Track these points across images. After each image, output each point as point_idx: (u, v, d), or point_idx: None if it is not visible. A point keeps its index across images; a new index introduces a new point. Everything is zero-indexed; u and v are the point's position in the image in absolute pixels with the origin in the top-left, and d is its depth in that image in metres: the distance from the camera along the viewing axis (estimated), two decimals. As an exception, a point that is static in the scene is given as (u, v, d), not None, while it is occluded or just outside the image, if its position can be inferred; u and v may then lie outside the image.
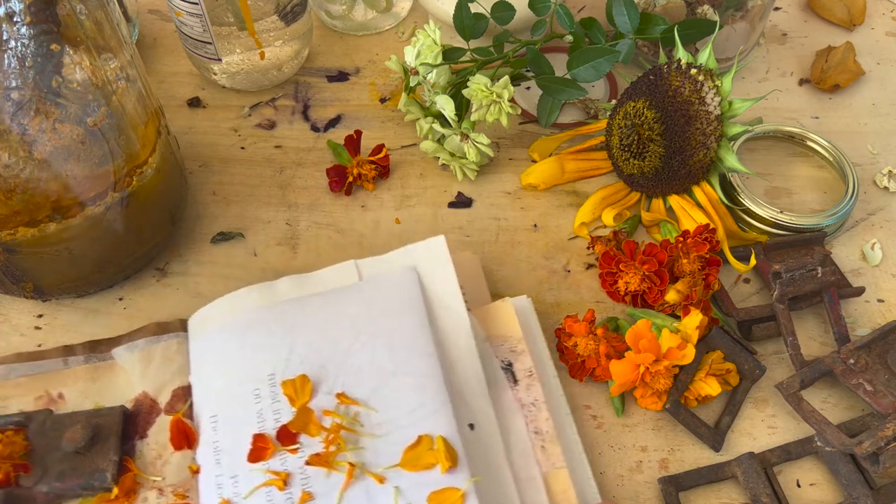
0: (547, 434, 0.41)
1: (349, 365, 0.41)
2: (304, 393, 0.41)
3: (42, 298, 0.47)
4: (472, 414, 0.40)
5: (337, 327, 0.43)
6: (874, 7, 0.67)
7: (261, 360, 0.42)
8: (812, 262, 0.48)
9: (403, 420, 0.39)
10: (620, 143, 0.51)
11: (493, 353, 0.44)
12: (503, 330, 0.44)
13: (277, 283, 0.45)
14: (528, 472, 0.40)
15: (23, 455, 0.40)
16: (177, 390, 0.43)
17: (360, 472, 0.38)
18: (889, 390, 0.43)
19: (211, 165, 0.56)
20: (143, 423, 0.43)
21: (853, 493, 0.41)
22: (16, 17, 0.36)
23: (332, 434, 0.39)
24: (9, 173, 0.39)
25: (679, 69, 0.49)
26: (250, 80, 0.59)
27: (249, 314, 0.44)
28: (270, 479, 0.39)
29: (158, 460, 0.41)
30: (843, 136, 0.58)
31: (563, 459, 0.41)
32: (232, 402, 0.41)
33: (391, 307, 0.43)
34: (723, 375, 0.44)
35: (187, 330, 0.45)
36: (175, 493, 0.40)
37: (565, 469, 0.40)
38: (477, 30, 0.54)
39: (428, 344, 0.41)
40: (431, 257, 0.45)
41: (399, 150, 0.57)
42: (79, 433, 0.40)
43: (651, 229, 0.52)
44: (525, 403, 0.42)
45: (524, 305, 0.46)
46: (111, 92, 0.41)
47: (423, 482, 0.37)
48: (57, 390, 0.44)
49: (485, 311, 0.45)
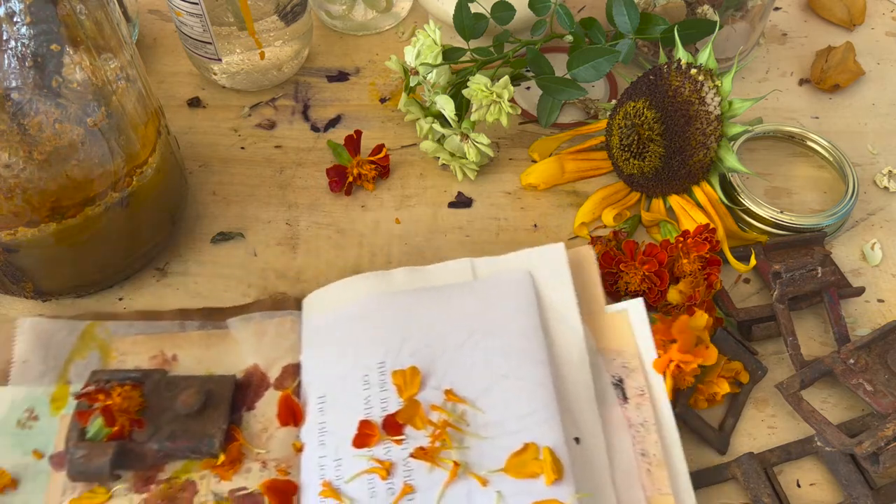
0: (654, 457, 0.40)
1: (460, 362, 0.41)
2: (412, 385, 0.41)
3: (42, 298, 0.47)
4: (578, 428, 0.40)
5: (450, 323, 0.42)
6: (874, 7, 0.67)
7: (373, 347, 0.42)
8: (812, 262, 0.48)
9: (511, 425, 0.39)
10: (620, 143, 0.51)
11: (604, 367, 0.42)
12: (617, 343, 0.43)
13: (394, 273, 0.45)
14: (631, 494, 0.39)
15: (138, 411, 0.41)
16: (287, 367, 0.44)
17: (463, 471, 0.38)
18: (889, 390, 0.43)
19: (211, 165, 0.56)
20: (253, 395, 0.43)
21: (853, 493, 0.41)
22: (16, 17, 0.36)
23: (438, 429, 0.39)
24: (9, 173, 0.39)
25: (679, 69, 0.49)
26: (250, 80, 0.59)
27: (365, 301, 0.44)
28: (374, 466, 0.38)
29: (264, 433, 0.42)
30: (843, 136, 0.58)
31: (669, 486, 0.39)
32: (341, 386, 0.42)
33: (506, 309, 0.43)
34: (732, 376, 0.44)
35: (301, 309, 0.46)
36: (278, 469, 0.40)
37: (671, 497, 0.39)
38: (477, 30, 0.54)
39: (540, 351, 0.41)
40: (549, 264, 0.44)
41: (399, 150, 0.57)
42: (193, 397, 0.41)
43: (651, 229, 0.52)
44: (634, 423, 0.41)
45: (638, 313, 0.43)
46: (111, 92, 0.41)
47: (527, 491, 0.37)
48: (172, 352, 0.45)
49: (599, 321, 0.44)
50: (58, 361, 0.44)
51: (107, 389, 0.41)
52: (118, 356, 0.44)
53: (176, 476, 0.40)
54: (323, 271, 0.50)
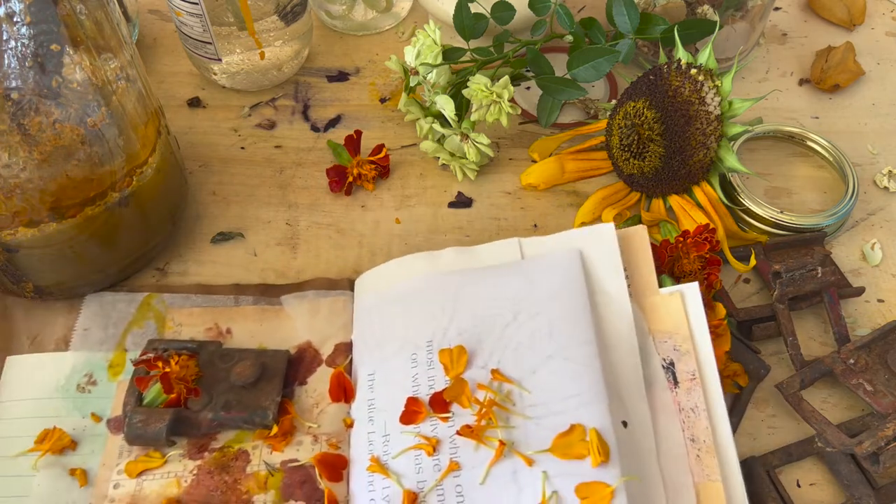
0: (704, 443, 0.39)
1: (506, 342, 0.41)
2: (459, 364, 0.41)
3: (42, 298, 0.47)
4: (626, 411, 0.39)
5: (497, 303, 0.43)
6: (874, 7, 0.67)
7: (421, 326, 0.43)
8: (812, 262, 0.48)
9: (557, 406, 0.39)
10: (620, 143, 0.51)
11: (655, 349, 0.42)
12: (668, 325, 0.42)
13: (443, 253, 0.46)
14: (679, 479, 0.38)
15: (194, 380, 0.42)
16: (339, 345, 0.45)
17: (508, 450, 0.38)
18: (889, 390, 0.43)
19: (211, 165, 0.56)
20: (305, 371, 0.44)
21: (855, 493, 0.41)
22: (16, 17, 0.36)
23: (484, 408, 0.39)
24: (9, 173, 0.39)
25: (679, 69, 0.49)
26: (250, 80, 0.59)
27: (414, 281, 0.45)
28: (420, 443, 0.39)
29: (315, 408, 0.43)
30: (843, 136, 0.58)
31: (719, 473, 0.38)
32: (390, 364, 0.42)
33: (553, 289, 0.43)
34: (731, 377, 0.44)
35: (353, 290, 0.47)
36: (329, 443, 0.41)
37: (720, 483, 0.38)
38: (477, 30, 0.54)
39: (588, 331, 0.41)
40: (598, 243, 0.44)
41: (399, 150, 0.57)
42: (248, 369, 0.42)
43: (651, 229, 0.52)
44: (684, 408, 0.40)
45: (693, 296, 0.42)
46: (111, 92, 0.41)
47: (572, 472, 0.37)
48: (226, 325, 0.46)
49: (651, 302, 0.43)
50: (117, 329, 0.46)
51: (165, 357, 0.41)
52: (174, 326, 0.46)
53: (229, 445, 0.41)
54: (323, 271, 0.50)
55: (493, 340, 0.42)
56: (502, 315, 0.42)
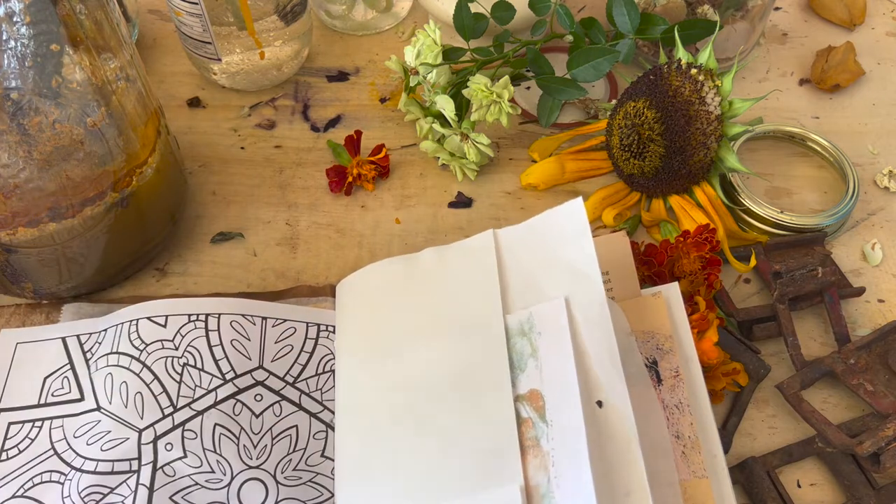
0: (689, 440, 0.39)
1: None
2: None
3: (42, 298, 0.47)
4: (602, 390, 0.38)
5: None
6: (874, 7, 0.67)
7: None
8: (812, 262, 0.48)
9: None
10: (620, 143, 0.51)
11: (637, 348, 0.41)
12: (650, 325, 0.42)
13: (421, 255, 0.45)
14: (668, 477, 0.38)
15: None
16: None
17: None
18: (889, 390, 0.43)
19: (211, 165, 0.56)
20: None
21: (856, 493, 0.41)
22: (16, 17, 0.36)
23: None
24: (9, 173, 0.39)
25: (679, 69, 0.48)
26: (250, 80, 0.59)
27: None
28: None
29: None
30: (844, 136, 0.58)
31: (705, 469, 0.38)
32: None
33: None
34: (731, 376, 0.44)
35: (335, 295, 0.47)
36: None
37: (707, 480, 0.38)
38: (477, 30, 0.54)
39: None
40: (568, 220, 0.42)
41: (399, 150, 0.57)
42: None
43: (651, 229, 0.52)
44: (668, 405, 0.40)
45: (674, 296, 0.43)
46: (111, 92, 0.41)
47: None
48: None
49: (633, 304, 0.43)
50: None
51: None
52: None
53: None
54: (323, 271, 0.50)
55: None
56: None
